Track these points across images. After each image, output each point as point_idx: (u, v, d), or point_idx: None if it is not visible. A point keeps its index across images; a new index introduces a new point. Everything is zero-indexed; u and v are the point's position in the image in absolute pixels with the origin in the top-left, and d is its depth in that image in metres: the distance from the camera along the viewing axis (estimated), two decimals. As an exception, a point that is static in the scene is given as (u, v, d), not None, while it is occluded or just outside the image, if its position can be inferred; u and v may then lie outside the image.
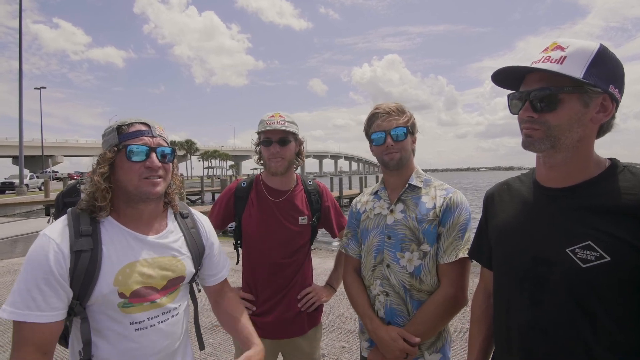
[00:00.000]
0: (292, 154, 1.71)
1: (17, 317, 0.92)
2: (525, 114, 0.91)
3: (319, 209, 1.80)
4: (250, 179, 1.83)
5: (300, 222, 1.72)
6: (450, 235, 1.33)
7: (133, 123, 1.08)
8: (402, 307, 1.38)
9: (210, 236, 1.30)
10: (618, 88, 0.86)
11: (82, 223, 1.02)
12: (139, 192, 1.05)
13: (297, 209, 1.73)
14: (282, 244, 1.69)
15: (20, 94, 24.27)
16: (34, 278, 0.94)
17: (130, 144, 1.04)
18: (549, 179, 0.95)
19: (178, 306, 1.16)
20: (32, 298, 0.93)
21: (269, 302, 1.69)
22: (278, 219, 1.70)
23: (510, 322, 0.96)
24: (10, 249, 6.97)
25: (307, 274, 1.78)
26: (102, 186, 1.02)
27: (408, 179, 1.45)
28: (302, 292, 1.73)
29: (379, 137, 1.42)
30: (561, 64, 0.85)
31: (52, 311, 0.95)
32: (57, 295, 0.95)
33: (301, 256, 1.74)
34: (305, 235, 1.75)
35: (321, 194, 1.83)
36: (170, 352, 1.13)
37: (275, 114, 1.69)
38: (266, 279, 1.69)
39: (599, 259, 0.80)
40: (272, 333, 1.67)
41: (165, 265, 1.12)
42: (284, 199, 1.73)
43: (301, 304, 1.71)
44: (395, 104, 1.44)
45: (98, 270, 0.99)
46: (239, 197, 1.76)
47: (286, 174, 1.71)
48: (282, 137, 1.66)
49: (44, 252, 0.95)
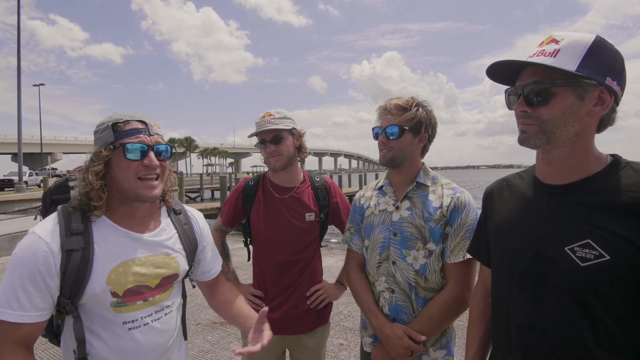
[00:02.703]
0: (290, 149, 1.69)
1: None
2: (519, 109, 0.90)
3: (327, 205, 1.78)
4: (258, 177, 1.83)
5: (307, 219, 1.71)
6: (458, 235, 1.32)
7: (129, 120, 1.06)
8: (408, 304, 1.37)
9: (203, 232, 1.29)
10: (617, 80, 0.84)
11: (73, 221, 1.00)
12: (135, 194, 1.04)
13: (303, 206, 1.72)
14: (289, 241, 1.69)
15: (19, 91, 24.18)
16: (19, 277, 0.92)
17: (127, 142, 1.02)
18: (548, 175, 0.94)
19: (171, 303, 1.15)
20: (15, 297, 0.91)
21: (277, 298, 1.69)
22: (284, 216, 1.69)
23: (509, 321, 0.95)
24: (9, 246, 6.99)
25: (316, 270, 1.77)
26: (96, 185, 1.00)
27: (412, 177, 1.43)
28: (311, 289, 1.72)
29: (375, 132, 1.44)
30: (554, 57, 0.84)
31: (36, 312, 0.93)
32: (43, 296, 0.94)
33: (309, 253, 1.74)
34: (313, 232, 1.74)
35: (329, 190, 1.82)
36: (165, 349, 1.12)
37: (266, 113, 1.68)
38: (274, 276, 1.70)
39: (598, 257, 0.79)
40: (279, 329, 1.66)
41: (159, 264, 1.10)
42: (290, 196, 1.73)
43: (310, 301, 1.71)
44: (401, 101, 1.39)
45: (90, 270, 0.98)
46: (247, 195, 1.77)
47: (288, 169, 1.70)
48: (274, 135, 1.65)
49: (32, 252, 0.93)
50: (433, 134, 1.45)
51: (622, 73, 0.86)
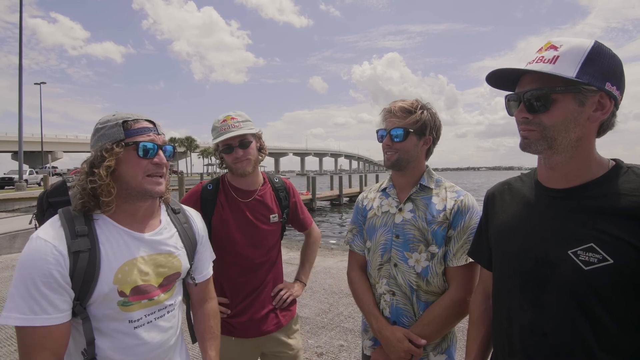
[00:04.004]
0: (255, 152, 1.68)
1: (24, 322, 0.89)
2: (520, 115, 0.91)
3: (287, 205, 1.81)
4: (216, 180, 1.76)
5: (271, 221, 1.72)
6: (461, 239, 1.32)
7: (138, 119, 1.08)
8: (409, 307, 1.37)
9: (201, 231, 1.31)
10: (616, 85, 0.85)
11: (77, 223, 1.00)
12: (142, 189, 1.05)
13: (267, 208, 1.72)
14: (256, 244, 1.68)
15: (20, 89, 24.22)
16: (33, 282, 0.91)
17: (141, 140, 1.05)
18: (550, 179, 0.94)
19: (174, 302, 1.17)
20: (35, 302, 0.90)
21: (243, 302, 1.67)
22: (249, 220, 1.68)
23: (510, 324, 0.95)
24: (9, 244, 6.99)
25: (279, 271, 1.79)
26: (107, 180, 1.01)
27: (416, 179, 1.43)
28: (275, 289, 1.74)
29: (380, 135, 1.44)
30: (554, 64, 0.84)
31: (59, 313, 0.93)
32: (61, 297, 0.94)
33: (274, 254, 1.75)
34: (276, 232, 1.75)
35: (289, 191, 1.83)
36: (168, 347, 1.14)
37: (227, 116, 1.63)
38: (241, 280, 1.67)
39: (601, 261, 0.79)
40: (249, 332, 1.66)
41: (162, 262, 1.12)
42: (253, 199, 1.71)
43: (275, 301, 1.72)
44: (405, 103, 1.38)
45: (97, 270, 0.98)
46: (206, 199, 1.69)
47: (253, 172, 1.69)
48: (241, 140, 1.61)
49: (42, 256, 0.93)
50: (437, 136, 1.44)
51: (621, 78, 0.86)
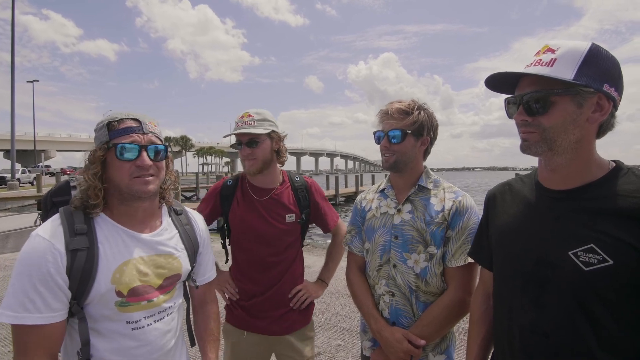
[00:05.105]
0: (266, 153, 1.65)
1: (16, 320, 0.89)
2: (520, 118, 0.92)
3: (307, 205, 1.77)
4: (236, 177, 1.79)
5: (287, 220, 1.70)
6: (459, 239, 1.32)
7: (123, 119, 1.04)
8: (408, 308, 1.37)
9: (203, 234, 1.30)
10: (614, 86, 0.85)
11: (76, 221, 0.99)
12: (130, 190, 1.03)
13: (283, 207, 1.71)
14: (269, 243, 1.67)
15: (12, 87, 23.92)
16: (30, 280, 0.91)
17: (119, 142, 1.01)
18: (551, 180, 0.95)
19: (174, 304, 1.15)
20: (29, 300, 0.90)
21: (257, 299, 1.68)
22: (264, 218, 1.68)
23: (511, 325, 0.96)
24: (2, 244, 6.89)
25: (297, 271, 1.77)
26: (94, 184, 1.00)
27: (414, 180, 1.43)
28: (293, 290, 1.72)
29: (377, 136, 1.44)
30: (551, 67, 0.85)
31: (52, 312, 0.93)
32: (56, 296, 0.93)
33: (291, 254, 1.73)
34: (293, 233, 1.73)
35: (309, 190, 1.81)
36: (167, 350, 1.12)
37: (245, 113, 1.63)
38: (255, 277, 1.68)
39: (601, 262, 0.80)
40: (262, 329, 1.68)
41: (161, 263, 1.10)
42: (269, 198, 1.71)
43: (293, 302, 1.71)
44: (402, 104, 1.38)
45: (95, 269, 0.97)
46: (225, 195, 1.74)
47: (265, 172, 1.68)
48: (250, 139, 1.61)
49: (40, 254, 0.93)
50: (435, 137, 1.45)
51: (619, 79, 0.87)
